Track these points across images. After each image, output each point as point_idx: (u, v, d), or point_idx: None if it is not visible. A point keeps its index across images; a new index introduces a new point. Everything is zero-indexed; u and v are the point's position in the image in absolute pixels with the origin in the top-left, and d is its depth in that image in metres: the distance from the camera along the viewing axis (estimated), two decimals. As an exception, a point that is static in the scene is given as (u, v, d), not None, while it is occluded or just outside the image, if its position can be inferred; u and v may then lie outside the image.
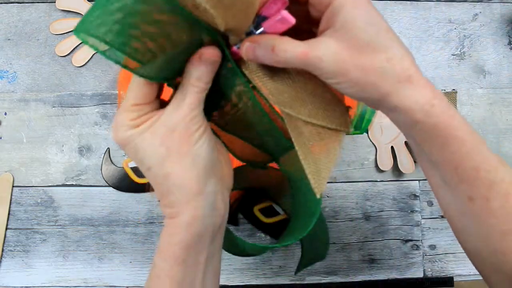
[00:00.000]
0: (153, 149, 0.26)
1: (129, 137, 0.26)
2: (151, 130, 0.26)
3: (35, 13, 0.52)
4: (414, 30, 0.54)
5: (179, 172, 0.26)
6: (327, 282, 0.50)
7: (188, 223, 0.26)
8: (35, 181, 0.50)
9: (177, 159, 0.26)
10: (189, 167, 0.26)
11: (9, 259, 0.49)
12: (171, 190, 0.26)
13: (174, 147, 0.26)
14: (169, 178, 0.26)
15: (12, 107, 0.51)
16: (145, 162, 0.26)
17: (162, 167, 0.26)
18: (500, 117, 0.53)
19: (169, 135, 0.26)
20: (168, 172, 0.26)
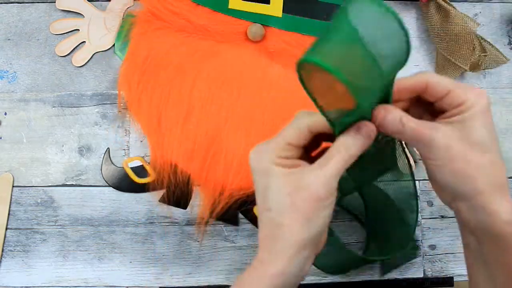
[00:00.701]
0: (280, 195, 0.27)
1: (270, 171, 0.27)
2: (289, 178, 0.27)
3: (35, 13, 0.52)
4: (414, 30, 0.54)
5: (293, 228, 0.26)
6: (327, 282, 0.50)
7: (276, 275, 0.27)
8: (35, 181, 0.50)
9: (296, 216, 0.26)
10: (303, 228, 0.27)
11: (9, 259, 0.49)
12: (275, 238, 0.27)
13: (300, 204, 0.26)
14: (281, 228, 0.27)
15: (12, 107, 0.51)
16: (268, 201, 0.27)
17: (281, 215, 0.27)
18: (500, 117, 0.53)
19: (300, 192, 0.26)
20: (282, 223, 0.27)
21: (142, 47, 0.50)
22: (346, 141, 0.27)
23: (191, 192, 0.50)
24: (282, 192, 0.27)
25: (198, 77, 0.50)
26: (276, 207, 0.27)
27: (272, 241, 0.27)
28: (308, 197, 0.26)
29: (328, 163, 0.26)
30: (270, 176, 0.27)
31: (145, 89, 0.50)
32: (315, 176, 0.26)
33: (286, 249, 0.27)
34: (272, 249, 0.27)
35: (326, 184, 0.26)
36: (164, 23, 0.51)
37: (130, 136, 0.51)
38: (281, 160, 0.27)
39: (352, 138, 0.27)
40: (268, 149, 0.28)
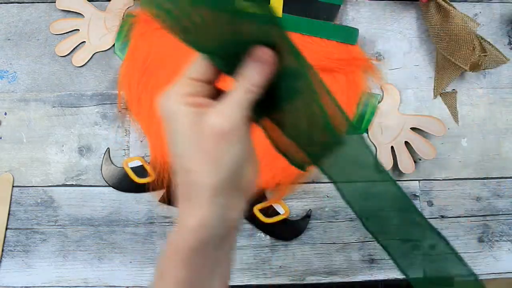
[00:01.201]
0: (187, 138, 0.24)
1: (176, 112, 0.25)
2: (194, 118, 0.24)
3: (35, 13, 0.52)
4: (414, 30, 0.54)
5: (201, 171, 0.24)
6: (327, 282, 0.50)
7: (195, 228, 0.25)
8: (35, 181, 0.50)
9: (203, 158, 0.24)
10: (211, 170, 0.24)
11: (9, 259, 0.49)
12: (188, 187, 0.25)
13: (204, 144, 0.24)
14: (190, 174, 0.25)
15: (12, 107, 0.51)
16: (177, 147, 0.25)
17: (189, 160, 0.25)
18: (500, 117, 0.53)
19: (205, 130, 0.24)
20: (190, 168, 0.25)
21: (142, 47, 0.50)
22: (244, 71, 0.25)
23: (191, 192, 0.50)
24: (188, 134, 0.24)
25: (198, 77, 0.50)
26: (184, 152, 0.25)
27: (186, 191, 0.25)
28: (211, 135, 0.24)
29: (229, 95, 0.25)
30: (177, 118, 0.25)
31: (145, 89, 0.50)
32: (216, 110, 0.24)
33: (200, 196, 0.25)
34: (187, 200, 0.25)
35: (229, 117, 0.24)
36: (164, 23, 0.51)
37: (130, 136, 0.51)
38: (187, 98, 0.25)
39: (249, 67, 0.25)
40: (173, 90, 0.25)
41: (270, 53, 0.25)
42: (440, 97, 0.53)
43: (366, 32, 0.53)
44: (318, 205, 0.51)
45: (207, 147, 0.24)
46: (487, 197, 0.52)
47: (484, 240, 0.52)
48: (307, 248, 0.51)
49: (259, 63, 0.25)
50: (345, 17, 0.53)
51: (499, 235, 0.52)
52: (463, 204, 0.52)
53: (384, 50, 0.53)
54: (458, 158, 0.53)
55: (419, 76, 0.53)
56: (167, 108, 0.25)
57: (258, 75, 0.25)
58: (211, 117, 0.24)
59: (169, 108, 0.25)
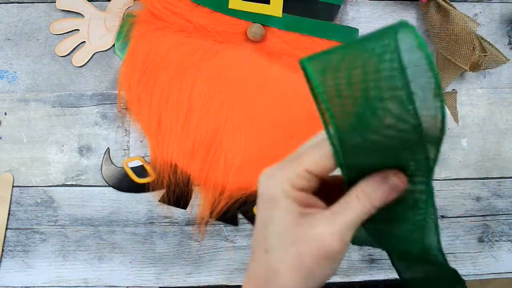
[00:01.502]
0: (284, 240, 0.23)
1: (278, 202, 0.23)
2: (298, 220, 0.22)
3: (35, 13, 0.52)
4: (414, 30, 0.54)
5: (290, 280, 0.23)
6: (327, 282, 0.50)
7: None
8: (35, 181, 0.50)
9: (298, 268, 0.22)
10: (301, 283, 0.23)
11: (9, 259, 0.49)
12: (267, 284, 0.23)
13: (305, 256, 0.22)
14: (276, 275, 0.23)
15: (12, 107, 0.51)
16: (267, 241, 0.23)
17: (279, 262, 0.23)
18: (500, 117, 0.53)
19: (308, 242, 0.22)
20: (279, 270, 0.23)
21: (142, 47, 0.50)
22: (367, 187, 0.22)
23: (191, 192, 0.50)
24: (287, 237, 0.23)
25: (198, 77, 0.50)
26: (276, 251, 0.23)
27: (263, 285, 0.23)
28: (316, 251, 0.22)
29: (344, 212, 0.22)
30: (277, 209, 0.23)
31: (145, 89, 0.50)
32: (328, 226, 0.22)
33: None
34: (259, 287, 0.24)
35: (340, 237, 0.22)
36: (164, 23, 0.51)
37: (130, 136, 0.51)
38: (295, 191, 0.23)
39: (375, 185, 0.22)
40: (281, 174, 0.23)
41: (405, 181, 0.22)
42: (440, 97, 0.53)
43: (366, 32, 0.53)
44: (318, 205, 0.51)
45: (305, 260, 0.22)
46: (487, 197, 0.52)
47: (484, 240, 0.52)
48: (307, 248, 0.51)
49: (389, 187, 0.22)
50: (345, 17, 0.53)
51: (499, 235, 0.52)
52: (463, 204, 0.52)
53: (384, 50, 0.53)
54: (458, 158, 0.53)
55: (419, 76, 0.53)
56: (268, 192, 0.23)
57: (383, 198, 0.22)
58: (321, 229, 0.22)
59: (270, 192, 0.23)
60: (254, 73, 0.50)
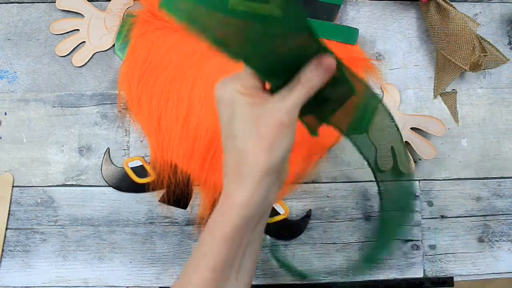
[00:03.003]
0: (246, 123, 0.28)
1: (235, 100, 0.28)
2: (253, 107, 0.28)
3: (35, 13, 0.52)
4: (414, 30, 0.54)
5: (257, 153, 0.28)
6: (327, 282, 0.50)
7: (243, 205, 0.28)
8: (35, 181, 0.50)
9: (260, 142, 0.27)
10: (266, 153, 0.28)
11: (9, 259, 0.49)
12: (240, 166, 0.28)
13: (264, 131, 0.27)
14: (246, 154, 0.28)
15: (12, 107, 0.51)
16: (233, 129, 0.28)
17: (245, 142, 0.28)
18: (500, 117, 0.53)
19: (265, 120, 0.28)
20: (247, 149, 0.28)
21: (142, 47, 0.50)
22: (307, 72, 0.28)
23: (191, 192, 0.50)
24: (247, 119, 0.28)
25: (198, 77, 0.50)
26: (241, 134, 0.28)
27: (237, 169, 0.28)
28: (271, 125, 0.27)
29: (290, 94, 0.28)
30: (235, 104, 0.28)
31: (145, 89, 0.50)
32: (279, 105, 0.28)
33: (251, 175, 0.28)
34: (237, 178, 0.28)
35: (288, 113, 0.28)
36: (164, 23, 0.51)
37: (130, 136, 0.51)
38: (246, 89, 0.28)
39: (312, 70, 0.28)
40: (233, 80, 0.29)
41: (334, 62, 0.28)
42: (440, 97, 0.53)
43: (366, 32, 0.53)
44: (318, 205, 0.51)
45: (266, 134, 0.27)
46: (487, 197, 0.52)
47: (484, 240, 0.52)
48: (307, 248, 0.51)
49: (322, 69, 0.28)
50: (345, 17, 0.53)
51: (499, 235, 0.52)
52: (463, 204, 0.52)
53: (384, 50, 0.53)
54: (458, 158, 0.53)
55: (419, 76, 0.53)
56: (227, 94, 0.28)
57: (318, 80, 0.28)
58: (273, 108, 0.28)
59: (229, 94, 0.28)
60: (254, 73, 0.50)
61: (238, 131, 0.28)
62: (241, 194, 0.28)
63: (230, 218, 0.28)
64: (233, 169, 0.29)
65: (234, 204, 0.28)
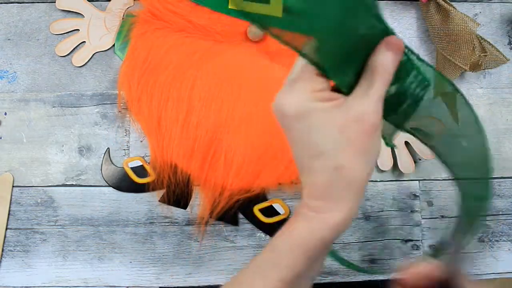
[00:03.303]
0: (331, 135, 0.23)
1: (309, 110, 0.23)
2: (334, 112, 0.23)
3: (35, 13, 0.52)
4: (414, 30, 0.54)
5: (354, 167, 0.24)
6: (327, 282, 0.50)
7: (338, 223, 0.25)
8: (35, 181, 0.50)
9: (355, 153, 0.23)
10: (365, 165, 0.24)
11: (9, 259, 0.49)
12: (336, 184, 0.24)
13: (356, 139, 0.23)
14: (341, 172, 0.24)
15: (12, 107, 0.51)
16: (316, 145, 0.24)
17: (336, 158, 0.23)
18: (500, 117, 0.53)
19: (353, 125, 0.23)
20: (342, 165, 0.23)
21: (142, 47, 0.50)
22: (379, 58, 0.24)
23: (191, 192, 0.50)
24: (332, 129, 0.23)
25: (198, 77, 0.50)
26: (329, 149, 0.23)
27: (331, 188, 0.24)
28: (363, 128, 0.23)
29: (372, 87, 0.24)
30: (311, 115, 0.23)
31: (145, 89, 0.50)
32: (364, 103, 0.23)
33: (350, 192, 0.24)
34: (331, 197, 0.24)
35: (377, 109, 0.23)
36: (164, 23, 0.51)
37: (130, 136, 0.51)
38: (318, 94, 0.24)
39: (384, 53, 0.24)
40: (297, 89, 0.24)
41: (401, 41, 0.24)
42: (440, 97, 0.53)
43: (366, 32, 0.53)
44: (318, 205, 0.51)
45: (358, 143, 0.23)
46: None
47: (484, 240, 0.52)
48: (307, 248, 0.51)
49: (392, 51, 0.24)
50: (345, 17, 0.53)
51: (499, 235, 0.52)
52: (463, 204, 0.52)
53: (384, 50, 0.53)
54: (458, 158, 0.53)
55: (419, 76, 0.53)
56: (295, 104, 0.24)
57: (393, 63, 0.24)
58: (360, 108, 0.23)
59: (298, 104, 0.24)
60: (254, 73, 0.50)
61: (324, 146, 0.23)
62: (338, 215, 0.24)
63: (320, 234, 0.25)
64: (325, 188, 0.24)
65: (328, 222, 0.24)
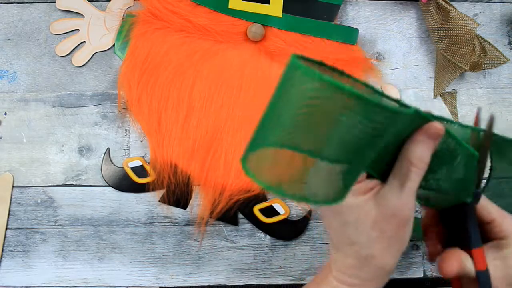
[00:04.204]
0: (365, 229, 0.25)
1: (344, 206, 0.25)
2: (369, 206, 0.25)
3: (35, 13, 0.52)
4: (414, 30, 0.54)
5: (386, 258, 0.25)
6: (327, 282, 0.50)
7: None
8: (35, 181, 0.50)
9: (387, 244, 0.25)
10: (395, 254, 0.25)
11: (9, 259, 0.49)
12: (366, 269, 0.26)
13: (389, 232, 0.25)
14: (371, 259, 0.25)
15: (12, 107, 0.51)
16: (350, 237, 0.25)
17: (369, 249, 0.25)
18: (500, 117, 0.53)
19: (386, 219, 0.24)
20: (373, 255, 0.25)
21: (142, 47, 0.50)
22: (417, 149, 0.24)
23: (191, 192, 0.50)
24: (366, 224, 0.25)
25: (198, 77, 0.50)
26: (362, 241, 0.25)
27: (360, 270, 0.26)
28: (397, 223, 0.24)
29: (407, 179, 0.24)
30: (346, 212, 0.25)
31: (145, 89, 0.50)
32: (399, 198, 0.24)
33: (379, 277, 0.26)
34: (359, 276, 0.26)
35: (411, 203, 0.24)
36: (164, 23, 0.51)
37: (130, 136, 0.51)
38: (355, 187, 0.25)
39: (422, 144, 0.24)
40: None
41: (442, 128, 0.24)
42: (440, 97, 0.53)
43: (366, 32, 0.53)
44: (318, 205, 0.51)
45: (392, 234, 0.25)
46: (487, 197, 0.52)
47: (484, 240, 0.52)
48: (307, 248, 0.51)
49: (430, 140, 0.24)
50: (345, 17, 0.53)
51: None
52: (463, 204, 0.52)
53: (384, 50, 0.53)
54: (458, 158, 0.52)
55: (419, 76, 0.53)
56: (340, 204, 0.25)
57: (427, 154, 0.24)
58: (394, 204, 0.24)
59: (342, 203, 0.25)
60: (254, 73, 0.50)
61: (357, 237, 0.25)
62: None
63: None
64: (355, 270, 0.26)
65: None
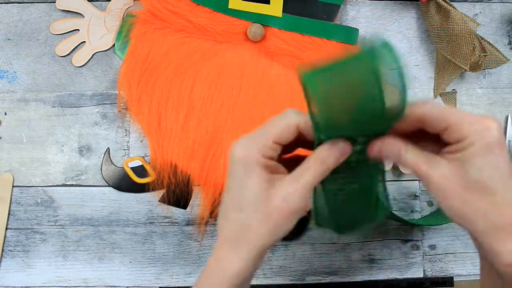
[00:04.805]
0: (256, 201, 0.27)
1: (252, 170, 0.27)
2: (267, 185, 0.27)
3: (35, 13, 0.52)
4: (414, 30, 0.54)
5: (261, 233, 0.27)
6: (327, 282, 0.50)
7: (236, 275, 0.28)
8: (35, 181, 0.50)
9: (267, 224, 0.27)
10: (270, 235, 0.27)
11: (9, 259, 0.49)
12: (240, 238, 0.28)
13: (273, 213, 0.27)
14: (249, 230, 0.27)
15: (12, 107, 0.51)
16: (241, 201, 0.27)
17: (250, 218, 0.27)
18: (500, 117, 0.53)
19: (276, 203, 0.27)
20: (251, 225, 0.27)
21: (142, 47, 0.50)
22: (322, 153, 0.27)
23: (191, 192, 0.50)
24: (259, 198, 0.27)
25: (198, 77, 0.50)
26: (248, 209, 0.27)
27: (236, 241, 0.28)
28: (282, 210, 0.27)
29: (303, 175, 0.27)
30: (251, 176, 0.27)
31: (145, 89, 0.50)
32: (292, 189, 0.27)
33: (250, 251, 0.27)
34: (234, 248, 0.28)
35: (301, 197, 0.27)
36: (164, 23, 0.51)
37: (130, 136, 0.51)
38: (266, 160, 0.27)
39: (327, 151, 0.27)
40: (254, 145, 0.27)
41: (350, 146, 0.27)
42: (440, 97, 0.53)
43: (366, 32, 0.53)
44: (318, 205, 0.51)
45: (273, 216, 0.27)
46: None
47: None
48: (307, 248, 0.51)
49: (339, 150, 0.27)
50: (345, 17, 0.53)
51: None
52: (463, 204, 0.52)
53: (384, 50, 0.53)
54: (458, 158, 0.53)
55: (419, 76, 0.53)
56: (244, 161, 0.27)
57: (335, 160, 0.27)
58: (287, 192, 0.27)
59: (246, 161, 0.27)
60: (254, 73, 0.50)
61: (246, 206, 0.27)
62: (235, 266, 0.27)
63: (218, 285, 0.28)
64: (230, 238, 0.28)
65: (225, 272, 0.28)
